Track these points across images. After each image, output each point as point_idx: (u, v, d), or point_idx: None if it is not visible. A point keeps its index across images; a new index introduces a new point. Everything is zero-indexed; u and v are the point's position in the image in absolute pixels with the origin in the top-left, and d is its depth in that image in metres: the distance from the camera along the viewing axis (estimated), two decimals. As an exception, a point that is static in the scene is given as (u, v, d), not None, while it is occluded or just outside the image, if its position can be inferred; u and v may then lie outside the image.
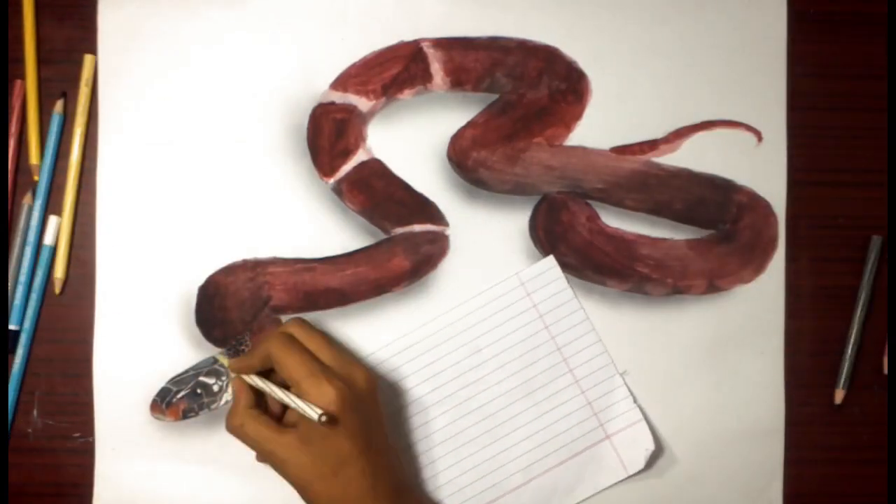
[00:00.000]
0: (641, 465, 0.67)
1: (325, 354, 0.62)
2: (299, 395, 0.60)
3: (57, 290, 0.68)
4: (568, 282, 0.68)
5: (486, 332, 0.68)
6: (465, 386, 0.68)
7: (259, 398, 0.63)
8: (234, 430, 0.62)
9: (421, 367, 0.68)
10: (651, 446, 0.67)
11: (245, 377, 0.63)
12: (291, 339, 0.62)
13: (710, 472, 0.69)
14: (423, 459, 0.67)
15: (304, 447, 0.60)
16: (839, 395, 0.68)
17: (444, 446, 0.67)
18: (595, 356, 0.68)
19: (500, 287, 0.68)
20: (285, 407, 0.63)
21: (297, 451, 0.60)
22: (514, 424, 0.68)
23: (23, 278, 0.67)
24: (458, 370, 0.68)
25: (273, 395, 0.61)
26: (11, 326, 0.67)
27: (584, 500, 0.68)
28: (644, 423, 0.68)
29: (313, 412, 0.59)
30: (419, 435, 0.67)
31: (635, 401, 0.68)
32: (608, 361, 0.68)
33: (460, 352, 0.68)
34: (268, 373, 0.63)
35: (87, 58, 0.68)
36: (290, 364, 0.61)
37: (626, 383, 0.68)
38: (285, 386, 0.62)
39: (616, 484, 0.68)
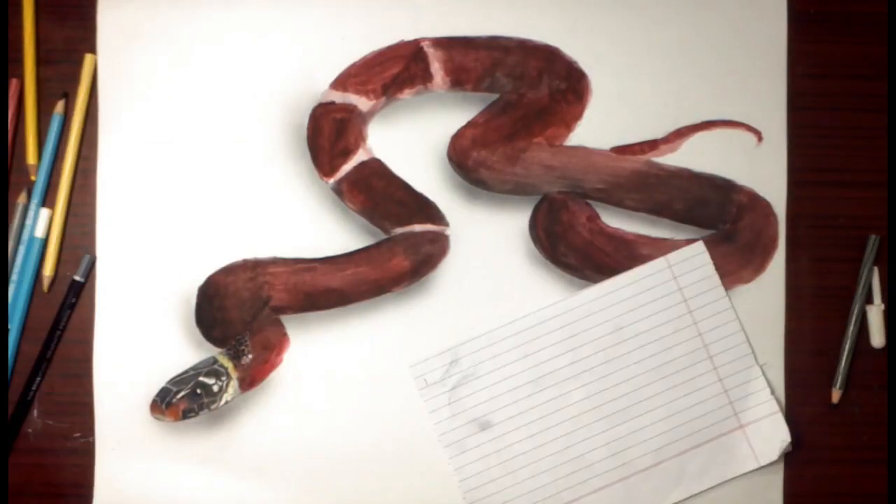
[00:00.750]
0: (775, 456, 0.67)
1: None
2: None
3: (45, 287, 0.67)
4: (569, 282, 0.68)
5: (629, 311, 0.68)
6: (604, 362, 0.67)
7: None
8: None
9: (562, 339, 0.67)
10: (787, 438, 0.67)
11: None
12: None
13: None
14: (557, 431, 0.67)
15: None
16: (836, 395, 0.68)
17: (578, 420, 0.67)
18: (736, 345, 0.68)
19: (648, 268, 0.68)
20: None
21: None
22: (649, 405, 0.67)
23: (14, 277, 0.67)
24: (599, 346, 0.68)
25: None
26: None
27: (708, 489, 0.68)
28: (780, 416, 0.67)
29: None
30: (554, 406, 0.67)
31: (773, 392, 0.68)
32: (748, 351, 0.68)
33: (602, 327, 0.68)
34: None
35: (88, 57, 0.68)
36: None
37: (764, 374, 0.68)
38: None
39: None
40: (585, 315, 0.68)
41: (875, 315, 0.69)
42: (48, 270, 0.68)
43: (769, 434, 0.67)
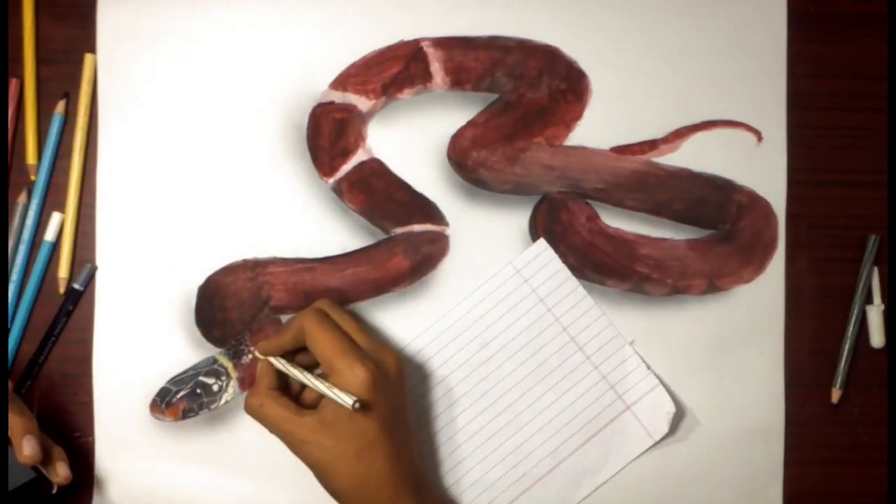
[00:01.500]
0: (665, 429, 0.67)
1: (357, 335, 0.62)
2: (330, 374, 0.60)
3: (61, 289, 0.68)
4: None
5: (490, 326, 0.68)
6: (479, 382, 0.68)
7: (280, 380, 0.63)
8: (253, 409, 0.61)
9: (432, 371, 0.68)
10: (671, 409, 0.67)
11: (273, 360, 0.62)
12: (326, 317, 0.62)
13: (710, 472, 0.68)
14: (451, 460, 0.67)
15: (326, 429, 0.59)
16: (835, 395, 0.68)
17: (469, 444, 0.67)
18: (602, 330, 0.68)
19: (497, 278, 0.68)
20: (303, 387, 0.62)
21: (318, 432, 0.59)
22: (534, 411, 0.68)
23: (15, 277, 0.67)
24: (469, 368, 0.68)
25: (303, 380, 0.60)
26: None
27: (614, 475, 0.68)
28: (661, 388, 0.67)
29: (346, 399, 0.58)
30: (443, 437, 0.67)
31: (648, 367, 0.68)
32: (615, 333, 0.68)
33: (468, 349, 0.68)
34: (293, 354, 0.63)
35: (88, 57, 0.68)
36: (324, 341, 0.60)
37: (636, 352, 0.68)
38: (308, 368, 0.62)
39: (614, 484, 0.68)
40: (450, 340, 0.68)
41: (875, 315, 0.69)
42: (63, 272, 0.68)
43: (655, 408, 0.67)
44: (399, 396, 0.62)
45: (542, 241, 0.68)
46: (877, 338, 0.69)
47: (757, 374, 0.69)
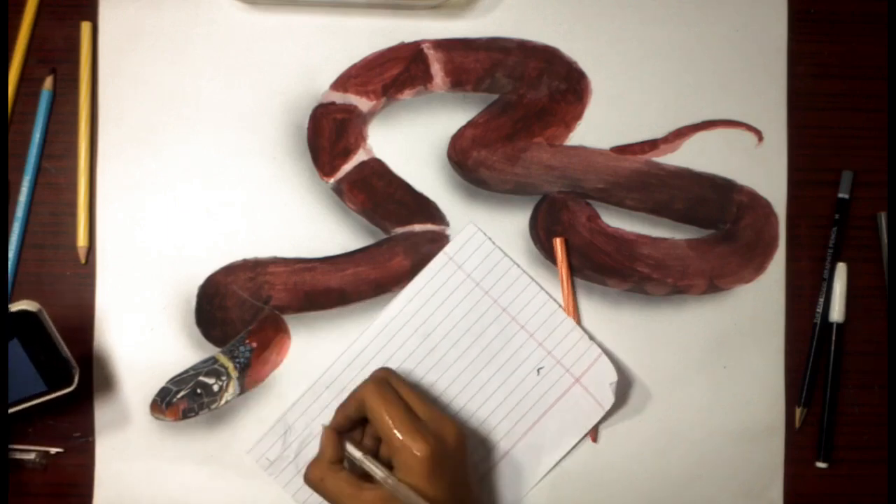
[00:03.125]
0: (612, 399, 0.67)
1: (417, 406, 0.61)
2: (391, 450, 0.59)
3: (82, 258, 0.67)
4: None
5: (430, 316, 0.68)
6: (426, 373, 0.67)
7: (342, 452, 0.62)
8: (314, 482, 0.61)
9: (379, 366, 0.67)
10: (613, 378, 0.67)
11: (348, 447, 0.62)
12: (386, 388, 0.61)
13: (710, 472, 0.68)
14: None
15: None
16: (799, 415, 0.69)
17: None
18: (541, 306, 0.68)
19: (431, 268, 0.68)
20: (377, 446, 0.62)
21: None
22: (485, 395, 0.67)
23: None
24: (415, 360, 0.67)
25: (362, 465, 0.60)
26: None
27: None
28: (604, 357, 0.67)
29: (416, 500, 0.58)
30: None
31: (591, 338, 0.68)
32: (555, 308, 0.68)
33: (411, 342, 0.68)
34: (359, 422, 0.63)
35: (84, 25, 0.68)
36: (385, 415, 0.60)
37: (579, 324, 0.68)
38: (374, 437, 0.62)
39: (614, 484, 0.68)
40: (393, 335, 0.67)
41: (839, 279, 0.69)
42: (82, 241, 0.67)
43: (601, 378, 0.67)
44: (460, 467, 0.61)
45: (471, 226, 0.68)
46: (836, 312, 0.69)
47: (757, 374, 0.69)
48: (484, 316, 0.68)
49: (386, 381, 0.62)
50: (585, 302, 0.69)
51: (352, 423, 0.62)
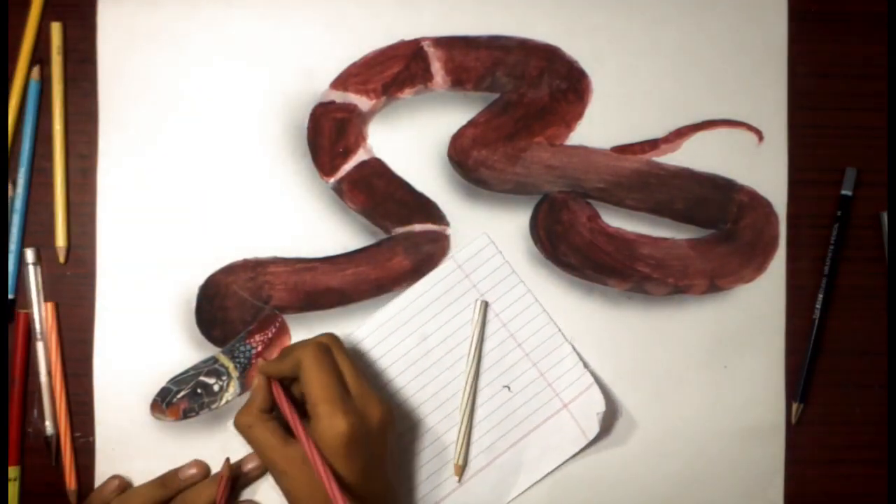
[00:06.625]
0: (597, 429, 0.67)
1: (351, 380, 0.61)
2: (312, 417, 0.60)
3: (61, 258, 0.67)
4: (569, 282, 0.68)
5: (430, 320, 0.68)
6: (417, 375, 0.67)
7: (272, 401, 0.63)
8: (242, 428, 0.62)
9: (370, 363, 0.67)
10: (601, 408, 0.67)
11: (274, 389, 0.62)
12: (325, 355, 0.61)
13: (710, 472, 0.69)
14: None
15: (306, 465, 0.59)
16: (795, 411, 0.68)
17: (405, 438, 0.67)
18: (542, 327, 0.68)
19: (438, 272, 0.68)
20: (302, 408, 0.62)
21: (297, 468, 0.60)
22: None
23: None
24: (408, 361, 0.67)
25: (288, 420, 0.61)
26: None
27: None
28: (596, 387, 0.67)
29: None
30: None
31: (586, 366, 0.68)
32: (555, 331, 0.68)
33: (407, 343, 0.67)
34: (291, 379, 0.63)
35: (54, 26, 0.68)
36: (315, 382, 0.60)
37: (575, 350, 0.68)
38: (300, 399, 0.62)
39: (614, 485, 0.68)
40: (390, 333, 0.67)
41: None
42: (60, 241, 0.67)
43: (589, 408, 0.67)
44: (378, 448, 0.61)
45: (484, 236, 0.68)
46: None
47: (757, 374, 0.69)
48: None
49: (327, 348, 0.62)
50: (586, 302, 0.69)
51: (284, 378, 0.63)
